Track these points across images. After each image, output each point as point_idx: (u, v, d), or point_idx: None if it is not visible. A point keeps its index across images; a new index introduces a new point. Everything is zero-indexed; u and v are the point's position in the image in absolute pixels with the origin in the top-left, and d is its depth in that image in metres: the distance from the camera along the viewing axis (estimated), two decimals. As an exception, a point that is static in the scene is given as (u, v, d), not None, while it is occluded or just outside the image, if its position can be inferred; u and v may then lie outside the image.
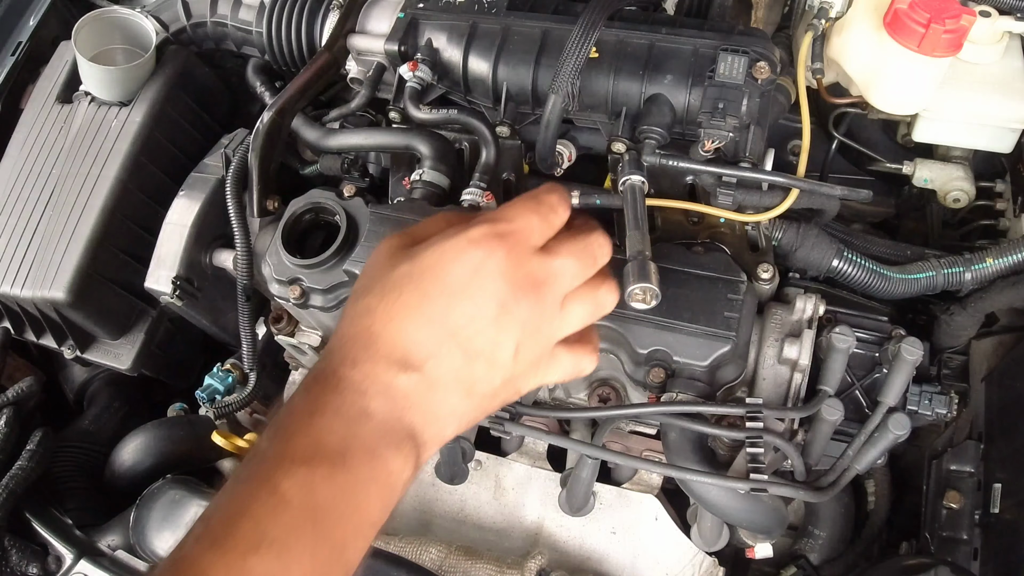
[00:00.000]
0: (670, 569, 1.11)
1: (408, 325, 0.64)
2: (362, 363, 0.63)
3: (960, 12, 0.99)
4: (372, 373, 0.63)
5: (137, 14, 1.37)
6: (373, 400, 0.62)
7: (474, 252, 0.65)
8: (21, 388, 1.27)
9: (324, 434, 0.61)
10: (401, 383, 0.63)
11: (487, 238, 0.66)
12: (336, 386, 0.63)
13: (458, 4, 1.15)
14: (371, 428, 0.62)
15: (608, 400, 1.08)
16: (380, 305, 0.65)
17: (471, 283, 0.65)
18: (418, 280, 0.65)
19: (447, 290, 0.64)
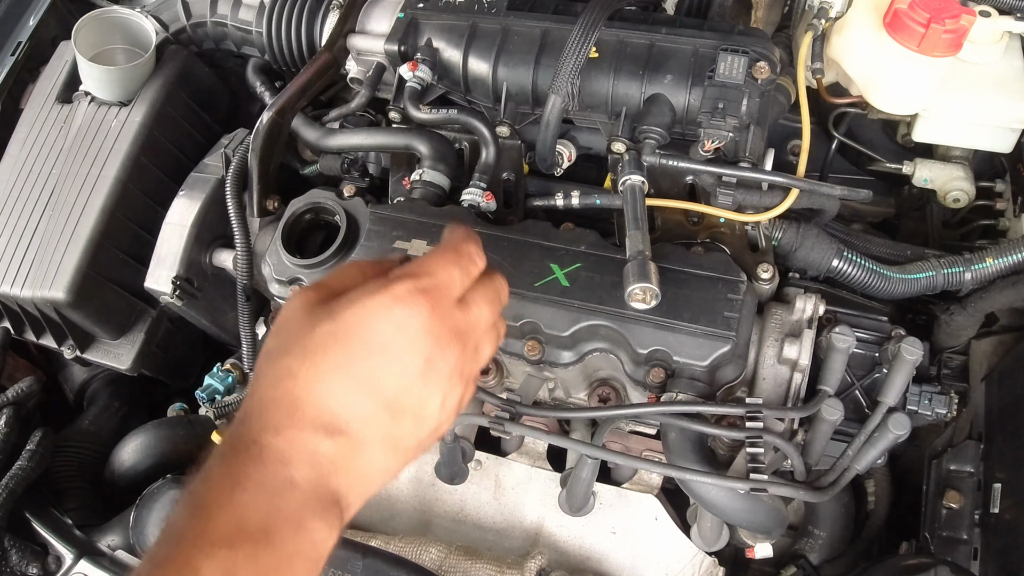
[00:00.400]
0: (670, 569, 1.11)
1: (334, 388, 0.62)
2: (285, 430, 0.61)
3: (960, 12, 0.99)
4: (296, 440, 0.60)
5: (137, 14, 1.37)
6: (298, 469, 0.60)
7: (399, 310, 0.63)
8: (21, 388, 1.27)
9: (246, 510, 0.58)
10: (327, 449, 0.61)
11: (411, 295, 0.64)
12: (258, 456, 0.60)
13: (458, 4, 1.15)
14: (296, 499, 0.60)
15: (608, 400, 1.08)
16: (302, 367, 0.62)
17: (397, 342, 0.63)
18: (343, 340, 0.63)
19: (373, 350, 0.63)
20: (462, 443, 1.11)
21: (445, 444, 1.08)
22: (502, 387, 1.13)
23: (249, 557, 0.56)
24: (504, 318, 0.73)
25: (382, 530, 1.16)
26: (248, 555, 0.56)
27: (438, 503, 1.21)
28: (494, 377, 1.10)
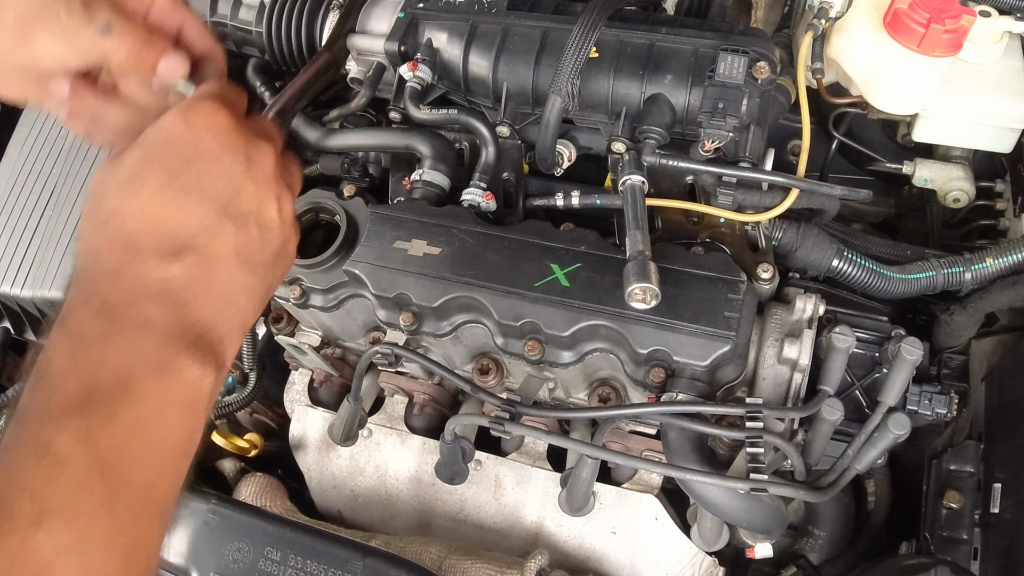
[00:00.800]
0: (670, 569, 1.11)
1: (165, 206, 0.57)
2: (126, 269, 0.55)
3: (960, 12, 0.99)
4: (141, 274, 0.55)
5: (137, 14, 1.37)
6: (150, 306, 0.54)
7: (198, 115, 0.60)
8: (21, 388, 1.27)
9: (95, 368, 0.52)
10: (177, 273, 0.56)
11: (201, 101, 0.61)
12: (100, 307, 0.54)
13: (458, 4, 1.15)
14: (154, 340, 0.54)
15: (608, 400, 1.08)
16: (124, 201, 0.57)
17: (209, 143, 0.59)
18: (155, 159, 0.58)
19: (190, 158, 0.58)
20: (462, 443, 1.11)
21: (445, 444, 1.08)
22: (502, 387, 1.13)
23: (106, 418, 0.51)
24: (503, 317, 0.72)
25: (382, 530, 1.16)
26: (104, 416, 0.51)
27: (438, 503, 1.21)
28: (494, 377, 1.10)
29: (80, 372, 0.52)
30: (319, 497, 1.26)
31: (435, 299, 1.01)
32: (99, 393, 0.52)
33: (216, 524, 1.09)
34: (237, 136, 0.61)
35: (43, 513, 0.48)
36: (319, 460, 1.26)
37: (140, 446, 0.53)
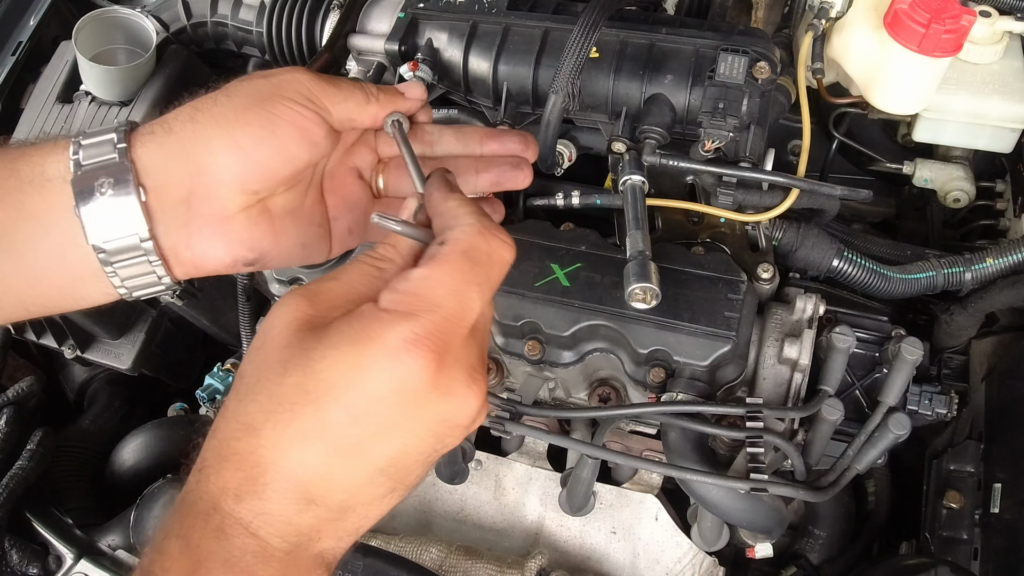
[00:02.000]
0: (670, 569, 1.11)
1: (307, 458, 0.49)
2: (248, 499, 0.49)
3: (960, 12, 0.99)
4: (264, 512, 0.49)
5: (137, 14, 1.37)
6: (271, 539, 0.49)
7: (392, 370, 0.49)
8: (21, 388, 1.27)
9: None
10: (304, 520, 0.50)
11: (409, 347, 0.49)
12: (219, 528, 0.49)
13: (458, 4, 1.15)
14: (273, 571, 0.50)
15: (608, 400, 1.08)
16: (266, 425, 0.49)
17: (394, 407, 0.50)
18: (315, 402, 0.49)
19: (357, 419, 0.49)
20: (462, 443, 1.11)
21: None
22: (502, 387, 1.13)
23: None
24: (504, 317, 0.69)
25: (382, 530, 1.16)
26: None
27: (438, 503, 1.21)
28: (494, 377, 1.10)
29: None
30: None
31: None
32: None
33: (216, 524, 1.09)
34: (433, 401, 0.50)
35: None
36: (319, 460, 1.26)
37: None
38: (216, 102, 0.57)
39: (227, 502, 0.49)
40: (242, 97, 0.56)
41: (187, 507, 0.50)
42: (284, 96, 0.57)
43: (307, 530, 0.51)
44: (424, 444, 0.52)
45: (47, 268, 0.57)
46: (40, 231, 0.55)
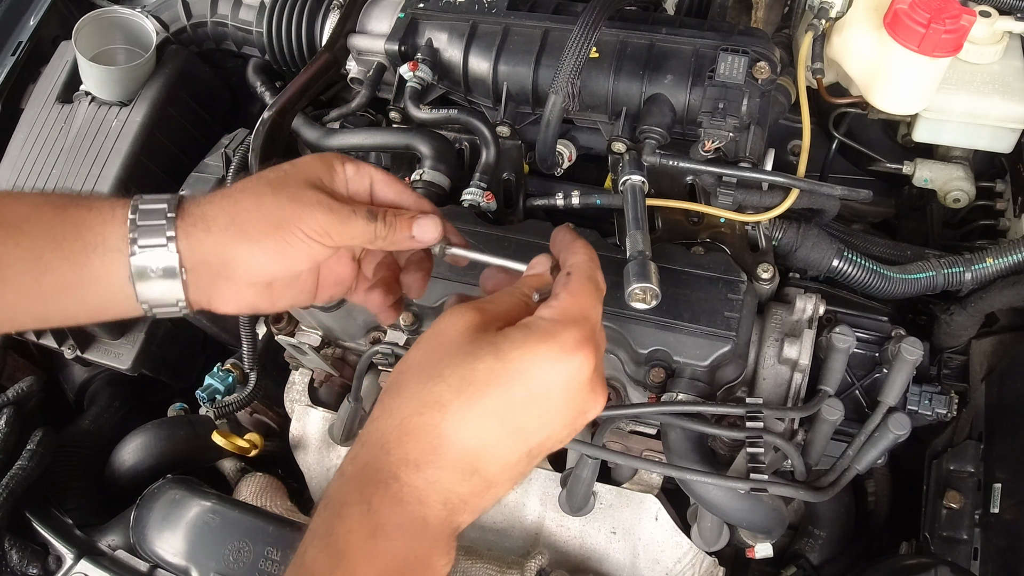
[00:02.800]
0: (670, 569, 1.11)
1: (484, 432, 0.59)
2: (426, 467, 0.58)
3: (960, 12, 0.99)
4: (436, 481, 0.58)
5: (137, 14, 1.37)
6: (431, 509, 0.58)
7: (568, 362, 0.61)
8: (21, 388, 1.27)
9: (387, 557, 0.57)
10: (462, 490, 0.59)
11: (579, 346, 0.61)
12: (398, 494, 0.58)
13: (458, 4, 1.15)
14: (427, 539, 0.58)
15: (608, 400, 1.08)
16: (455, 400, 0.59)
17: (559, 394, 0.61)
18: (506, 383, 0.59)
19: (534, 399, 0.60)
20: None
21: None
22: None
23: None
24: None
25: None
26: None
27: (438, 503, 1.21)
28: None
29: (376, 559, 0.57)
30: (319, 497, 1.25)
31: (435, 299, 1.01)
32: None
33: (216, 524, 1.09)
34: (585, 394, 0.62)
35: None
36: (319, 460, 1.26)
37: None
38: (246, 215, 0.68)
39: (407, 472, 0.58)
40: (265, 220, 0.68)
41: (367, 476, 0.58)
42: (300, 227, 0.68)
43: (459, 502, 0.59)
44: (563, 432, 0.63)
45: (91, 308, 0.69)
46: (98, 287, 0.68)
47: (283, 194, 0.69)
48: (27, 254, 0.64)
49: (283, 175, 0.71)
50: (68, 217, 0.66)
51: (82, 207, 0.67)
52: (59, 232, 0.65)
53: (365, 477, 0.59)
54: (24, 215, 0.65)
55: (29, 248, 0.64)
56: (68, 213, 0.66)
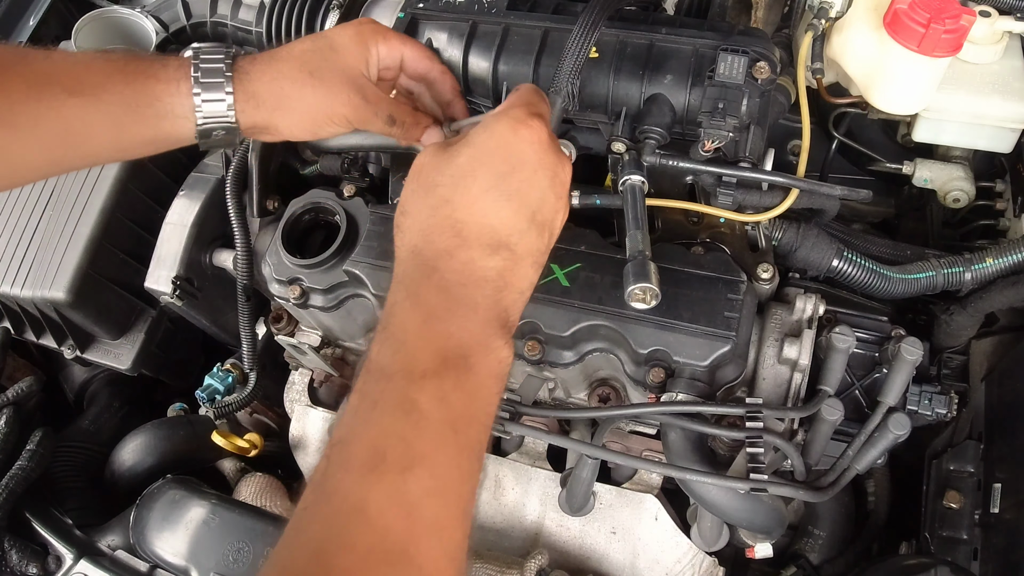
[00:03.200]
0: (670, 569, 1.11)
1: (490, 206, 0.66)
2: (457, 252, 0.65)
3: (960, 12, 0.99)
4: (470, 261, 0.65)
5: (137, 14, 1.37)
6: (476, 290, 0.64)
7: (524, 128, 0.69)
8: (21, 388, 1.27)
9: (443, 340, 0.62)
10: (495, 264, 0.66)
11: (529, 116, 0.70)
12: (440, 283, 0.64)
13: (458, 4, 1.15)
14: (479, 320, 0.64)
15: (608, 400, 1.08)
16: (456, 193, 0.67)
17: (530, 156, 0.69)
18: (487, 161, 0.68)
19: (515, 166, 0.68)
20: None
21: None
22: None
23: (456, 384, 0.60)
24: None
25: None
26: (455, 382, 0.60)
27: (438, 503, 1.20)
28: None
29: (433, 341, 0.62)
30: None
31: None
32: (449, 362, 0.61)
33: (216, 524, 1.09)
34: (548, 154, 0.71)
35: (412, 460, 0.56)
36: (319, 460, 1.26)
37: (477, 409, 0.62)
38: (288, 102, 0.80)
39: (442, 261, 0.65)
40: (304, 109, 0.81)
41: (408, 279, 0.65)
42: (331, 119, 0.81)
43: (497, 278, 0.66)
44: (551, 194, 0.70)
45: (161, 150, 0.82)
46: (168, 143, 0.81)
47: (320, 88, 0.80)
48: (107, 118, 0.75)
49: (322, 61, 0.81)
50: (139, 87, 0.76)
51: (150, 78, 0.77)
52: (132, 101, 0.75)
53: (407, 280, 0.65)
54: (100, 84, 0.74)
55: (108, 112, 0.74)
56: (138, 85, 0.76)
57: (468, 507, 0.59)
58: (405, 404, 0.58)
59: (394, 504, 0.54)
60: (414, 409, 0.58)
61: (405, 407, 0.58)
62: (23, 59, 0.74)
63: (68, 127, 0.74)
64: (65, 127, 0.74)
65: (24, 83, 0.72)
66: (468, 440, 0.60)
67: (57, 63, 0.75)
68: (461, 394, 0.60)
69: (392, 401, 0.58)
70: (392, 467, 0.55)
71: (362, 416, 0.59)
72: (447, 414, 0.59)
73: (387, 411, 0.58)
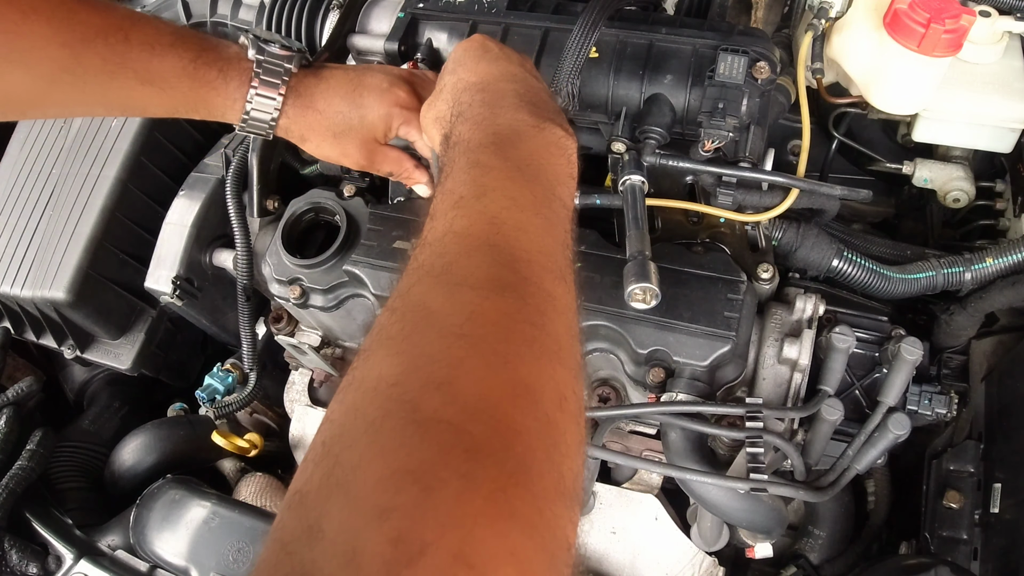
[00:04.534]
0: (670, 569, 1.11)
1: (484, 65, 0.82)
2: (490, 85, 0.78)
3: (960, 12, 0.99)
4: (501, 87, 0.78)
5: (137, 14, 1.37)
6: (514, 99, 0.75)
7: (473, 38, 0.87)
8: (21, 388, 1.27)
9: (495, 126, 0.71)
10: (515, 87, 0.77)
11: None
12: (484, 100, 0.75)
13: (458, 4, 1.15)
14: (527, 113, 0.72)
15: (608, 400, 1.08)
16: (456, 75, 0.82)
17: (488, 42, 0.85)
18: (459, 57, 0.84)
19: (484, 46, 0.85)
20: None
21: None
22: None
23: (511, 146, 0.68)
24: None
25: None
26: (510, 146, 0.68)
27: (438, 503, 1.20)
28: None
29: (485, 128, 0.70)
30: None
31: None
32: (501, 136, 0.69)
33: (216, 524, 1.09)
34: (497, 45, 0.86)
35: (484, 190, 0.62)
36: (319, 460, 1.26)
37: (540, 162, 0.68)
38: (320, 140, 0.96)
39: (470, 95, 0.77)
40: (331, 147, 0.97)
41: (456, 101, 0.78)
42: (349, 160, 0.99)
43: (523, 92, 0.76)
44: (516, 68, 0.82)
45: None
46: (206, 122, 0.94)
47: (338, 147, 0.96)
48: (166, 105, 0.87)
49: (348, 129, 0.95)
50: (202, 94, 0.87)
51: (212, 90, 0.87)
52: (192, 100, 0.87)
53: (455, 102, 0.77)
54: (168, 80, 0.84)
55: (168, 101, 0.86)
56: (202, 92, 0.87)
57: (550, 225, 0.62)
58: (469, 162, 0.65)
59: (478, 215, 0.59)
60: (478, 164, 0.65)
61: (470, 163, 0.65)
62: (102, 34, 0.80)
63: (131, 104, 0.87)
64: (129, 103, 0.87)
65: (101, 61, 0.80)
66: (536, 177, 0.65)
67: (133, 45, 0.82)
68: (518, 152, 0.67)
69: (460, 164, 0.65)
70: (469, 198, 0.60)
71: (456, 178, 0.65)
72: (508, 163, 0.65)
73: (457, 169, 0.65)
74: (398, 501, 0.39)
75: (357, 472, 0.40)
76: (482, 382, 0.46)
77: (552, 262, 0.59)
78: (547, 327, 0.52)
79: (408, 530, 0.37)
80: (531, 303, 0.53)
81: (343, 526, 0.38)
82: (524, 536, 0.40)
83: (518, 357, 0.49)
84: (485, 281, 0.53)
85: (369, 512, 0.38)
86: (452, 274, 0.53)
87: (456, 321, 0.49)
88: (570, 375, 0.51)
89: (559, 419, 0.47)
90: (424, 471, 0.40)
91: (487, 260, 0.55)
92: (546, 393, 0.48)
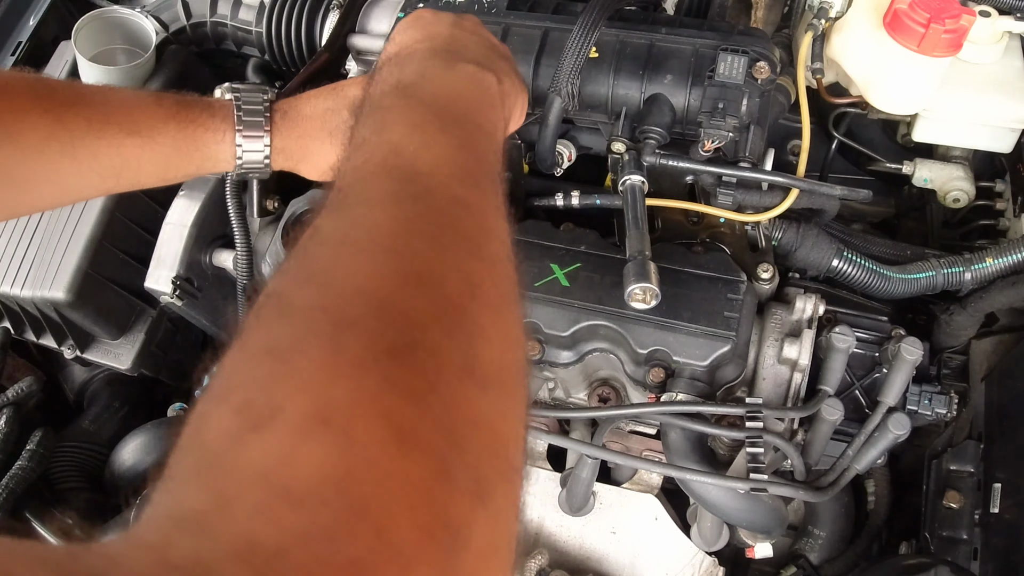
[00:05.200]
0: (670, 569, 1.11)
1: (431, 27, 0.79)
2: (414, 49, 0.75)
3: (960, 12, 0.99)
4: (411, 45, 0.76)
5: (137, 14, 1.37)
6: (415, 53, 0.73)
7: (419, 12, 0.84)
8: (21, 388, 1.27)
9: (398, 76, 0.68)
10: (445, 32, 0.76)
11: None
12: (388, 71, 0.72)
13: (458, 4, 1.15)
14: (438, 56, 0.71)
15: (608, 400, 1.08)
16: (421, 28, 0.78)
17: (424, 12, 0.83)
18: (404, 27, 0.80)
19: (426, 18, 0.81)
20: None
21: None
22: (502, 387, 1.13)
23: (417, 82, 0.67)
24: None
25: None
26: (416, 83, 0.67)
27: (438, 503, 1.20)
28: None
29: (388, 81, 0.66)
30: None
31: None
32: (404, 83, 0.66)
33: (216, 524, 1.08)
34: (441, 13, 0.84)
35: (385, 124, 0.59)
36: (319, 460, 1.26)
37: (449, 94, 0.65)
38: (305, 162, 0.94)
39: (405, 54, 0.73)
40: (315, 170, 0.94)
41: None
42: None
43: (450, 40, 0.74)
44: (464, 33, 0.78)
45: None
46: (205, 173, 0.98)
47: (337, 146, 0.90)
48: (157, 157, 0.84)
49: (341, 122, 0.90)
50: (189, 134, 0.85)
51: (200, 127, 0.86)
52: (182, 144, 0.85)
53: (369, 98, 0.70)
54: (154, 126, 0.83)
55: (159, 152, 0.84)
56: (189, 131, 0.85)
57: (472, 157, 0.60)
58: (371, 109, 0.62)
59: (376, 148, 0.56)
60: (379, 107, 0.62)
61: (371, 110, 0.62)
62: (82, 98, 0.81)
63: (124, 163, 0.82)
64: (122, 162, 0.82)
65: (86, 121, 0.79)
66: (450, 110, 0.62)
67: (113, 104, 0.83)
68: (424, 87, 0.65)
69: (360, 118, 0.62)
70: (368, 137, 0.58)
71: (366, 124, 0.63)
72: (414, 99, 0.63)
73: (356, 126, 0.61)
74: (250, 375, 0.37)
75: (220, 369, 0.39)
76: (362, 273, 0.43)
77: (464, 171, 0.56)
78: (455, 225, 0.51)
79: (255, 398, 0.35)
80: (434, 207, 0.51)
81: (195, 414, 0.37)
82: (403, 401, 0.37)
83: (411, 250, 0.46)
84: (380, 196, 0.51)
85: (219, 392, 0.37)
86: (346, 199, 0.51)
87: (342, 230, 0.48)
88: (486, 267, 0.50)
89: (468, 305, 0.45)
90: (285, 347, 0.38)
91: (384, 179, 0.53)
92: (449, 282, 0.45)
